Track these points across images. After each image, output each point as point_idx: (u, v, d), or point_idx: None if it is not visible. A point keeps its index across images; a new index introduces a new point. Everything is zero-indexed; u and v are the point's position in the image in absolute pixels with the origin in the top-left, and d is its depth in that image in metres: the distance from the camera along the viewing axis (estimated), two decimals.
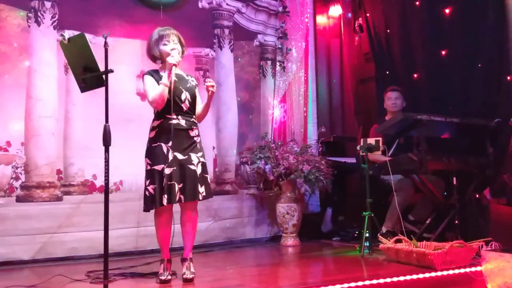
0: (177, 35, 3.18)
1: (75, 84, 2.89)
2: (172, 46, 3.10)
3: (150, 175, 3.02)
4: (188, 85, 3.17)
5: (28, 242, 3.81)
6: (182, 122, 3.08)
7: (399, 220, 3.96)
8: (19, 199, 3.87)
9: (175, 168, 2.99)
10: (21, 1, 3.99)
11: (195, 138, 3.12)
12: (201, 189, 3.06)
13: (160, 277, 3.03)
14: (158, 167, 2.99)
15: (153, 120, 3.12)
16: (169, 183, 2.96)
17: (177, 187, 2.98)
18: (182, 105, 3.09)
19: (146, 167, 3.06)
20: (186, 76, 3.26)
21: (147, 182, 3.02)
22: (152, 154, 3.03)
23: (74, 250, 3.97)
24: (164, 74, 3.03)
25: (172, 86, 3.03)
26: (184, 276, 3.03)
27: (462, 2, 4.47)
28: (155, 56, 3.19)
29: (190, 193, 3.01)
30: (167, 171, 2.97)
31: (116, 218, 3.90)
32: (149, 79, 3.09)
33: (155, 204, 2.98)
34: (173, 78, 3.04)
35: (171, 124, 3.03)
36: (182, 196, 2.99)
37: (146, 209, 3.06)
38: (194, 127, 3.15)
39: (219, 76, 4.93)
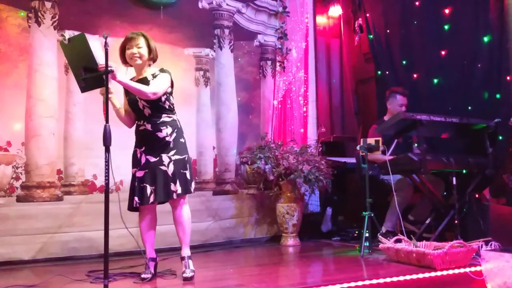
0: (146, 39, 3.16)
1: (75, 84, 2.90)
2: (136, 51, 3.10)
3: (131, 178, 3.19)
4: None
5: (28, 242, 3.81)
6: (148, 126, 3.15)
7: (399, 220, 3.97)
8: (19, 199, 3.87)
9: (147, 171, 3.11)
10: (21, 1, 3.98)
11: (166, 138, 3.14)
12: (176, 187, 3.09)
13: (141, 275, 3.12)
14: (133, 171, 3.17)
15: None
16: (141, 185, 3.10)
17: (149, 188, 3.08)
18: (143, 112, 3.14)
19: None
20: (152, 74, 3.17)
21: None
22: (132, 158, 3.21)
23: (74, 250, 3.97)
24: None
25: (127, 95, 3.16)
26: (184, 275, 3.07)
27: (462, 2, 4.47)
28: (123, 61, 3.22)
29: (162, 194, 3.09)
30: (139, 174, 3.12)
31: (116, 218, 3.90)
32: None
33: (128, 206, 3.17)
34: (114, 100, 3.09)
35: (139, 130, 3.18)
36: (155, 197, 3.09)
37: (129, 208, 3.21)
38: (163, 127, 3.14)
39: (219, 76, 4.93)
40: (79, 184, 4.13)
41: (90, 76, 2.77)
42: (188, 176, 3.15)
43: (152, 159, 3.11)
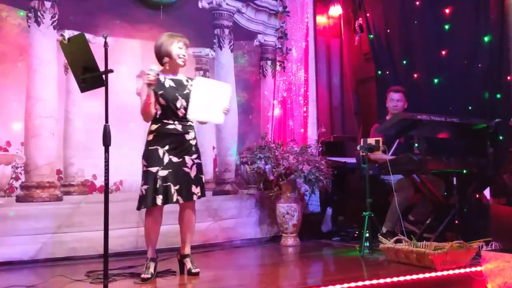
0: (186, 43, 3.26)
1: (75, 84, 2.89)
2: (185, 53, 3.21)
3: (145, 176, 3.12)
4: (185, 92, 3.22)
5: (28, 242, 3.81)
6: (179, 127, 3.18)
7: (399, 220, 3.97)
8: (19, 199, 3.87)
9: (170, 170, 3.11)
10: (21, 1, 3.98)
11: (190, 141, 3.23)
12: (196, 190, 3.19)
13: (141, 275, 3.10)
14: (153, 169, 3.10)
15: (151, 124, 3.21)
16: (164, 184, 3.08)
17: (173, 188, 3.10)
18: (178, 111, 3.18)
19: (143, 168, 3.16)
20: (186, 81, 3.30)
21: (142, 183, 3.13)
22: (149, 156, 3.14)
23: (74, 250, 3.97)
24: (145, 90, 3.07)
25: (163, 92, 3.13)
26: (193, 271, 3.16)
27: (462, 2, 4.47)
28: (162, 51, 3.20)
29: (185, 194, 3.14)
30: (162, 173, 3.09)
31: (116, 218, 3.90)
32: (144, 88, 3.10)
33: (146, 204, 3.09)
34: (150, 92, 3.09)
35: (168, 129, 3.15)
36: (179, 197, 3.12)
37: (138, 207, 3.17)
38: (190, 130, 3.25)
39: (219, 76, 4.93)
40: (78, 184, 4.13)
41: (90, 76, 2.76)
42: (204, 180, 3.28)
43: (175, 160, 3.14)
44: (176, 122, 3.18)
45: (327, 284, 2.76)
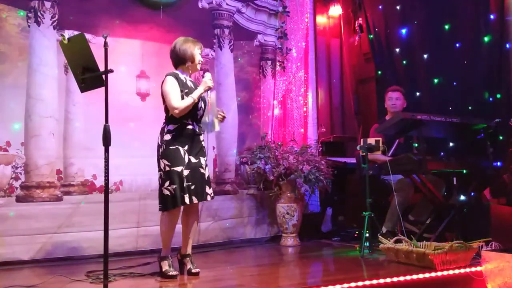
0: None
1: (75, 84, 2.89)
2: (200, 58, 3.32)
3: (169, 176, 3.12)
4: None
5: (28, 242, 3.81)
6: (196, 128, 3.26)
7: (399, 220, 3.97)
8: (19, 199, 3.86)
9: (190, 170, 3.16)
10: (21, 1, 3.98)
11: (203, 143, 3.32)
12: (209, 191, 3.27)
13: (169, 273, 3.13)
14: (178, 168, 3.12)
15: (168, 123, 3.21)
16: (187, 184, 3.13)
17: (193, 188, 3.17)
18: (198, 112, 3.26)
19: (165, 168, 3.14)
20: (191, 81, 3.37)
21: (167, 183, 3.12)
22: (170, 156, 3.15)
23: (74, 250, 3.97)
24: (196, 89, 3.20)
25: (204, 105, 3.26)
26: (193, 271, 3.20)
27: (462, 2, 4.47)
28: (187, 55, 3.26)
29: (201, 194, 3.21)
30: (186, 172, 3.13)
31: (116, 218, 3.90)
32: (173, 82, 3.18)
33: (176, 203, 3.11)
34: (207, 98, 3.24)
35: (188, 129, 3.20)
36: (194, 197, 3.17)
37: (165, 208, 3.16)
38: (202, 132, 3.33)
39: (219, 76, 4.93)
40: (78, 184, 4.12)
41: (90, 76, 2.76)
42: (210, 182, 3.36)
43: (193, 160, 3.20)
44: (194, 123, 3.25)
45: (327, 284, 2.75)
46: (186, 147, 3.17)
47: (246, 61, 5.18)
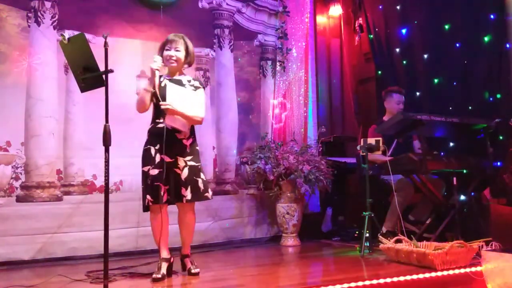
0: (185, 43, 3.23)
1: (75, 84, 2.89)
2: (173, 54, 3.17)
3: (142, 176, 3.15)
4: (181, 91, 3.16)
5: (28, 242, 3.81)
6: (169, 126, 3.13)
7: (399, 220, 3.96)
8: (19, 199, 3.87)
9: (161, 170, 3.07)
10: (21, 1, 3.98)
11: (183, 141, 3.16)
12: (186, 193, 3.10)
13: (153, 275, 3.08)
14: (145, 168, 3.12)
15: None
16: (155, 184, 3.07)
17: (163, 188, 3.07)
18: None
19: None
20: (188, 80, 3.27)
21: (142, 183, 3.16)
22: (143, 156, 3.18)
23: (74, 250, 3.97)
24: (145, 80, 3.15)
25: (158, 91, 3.10)
26: (193, 271, 3.18)
27: (462, 1, 4.47)
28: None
29: (174, 196, 3.11)
30: (152, 172, 3.09)
31: (116, 218, 3.90)
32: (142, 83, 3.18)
33: (143, 204, 3.13)
34: (157, 82, 3.11)
35: (159, 128, 3.12)
36: (169, 197, 3.10)
37: (143, 209, 3.18)
38: (182, 129, 3.15)
39: (219, 76, 4.93)
40: (78, 184, 4.13)
41: (90, 76, 2.76)
42: (200, 184, 3.16)
43: (167, 159, 3.10)
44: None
45: (327, 284, 2.75)
46: (157, 146, 3.10)
47: (246, 61, 5.18)
